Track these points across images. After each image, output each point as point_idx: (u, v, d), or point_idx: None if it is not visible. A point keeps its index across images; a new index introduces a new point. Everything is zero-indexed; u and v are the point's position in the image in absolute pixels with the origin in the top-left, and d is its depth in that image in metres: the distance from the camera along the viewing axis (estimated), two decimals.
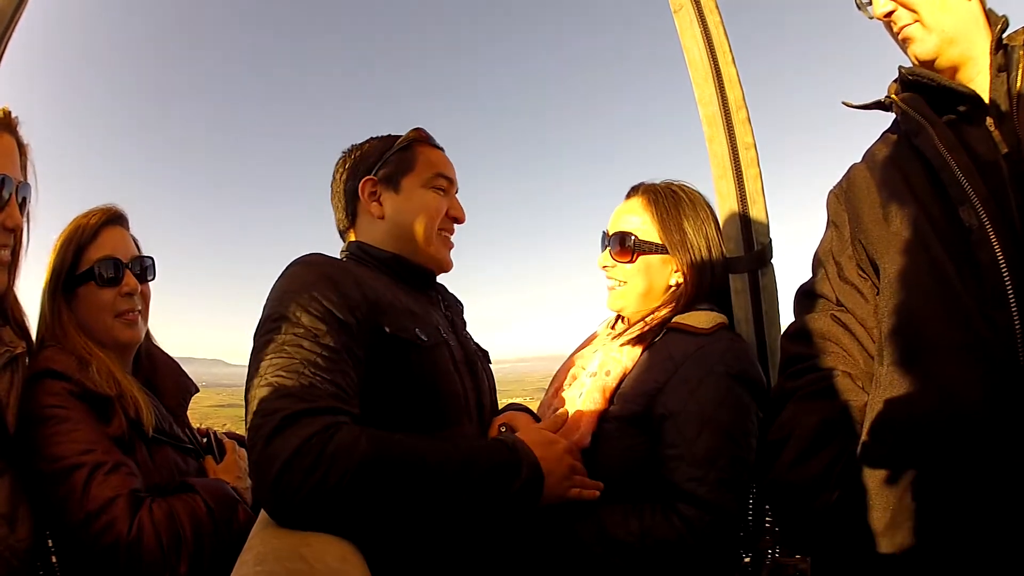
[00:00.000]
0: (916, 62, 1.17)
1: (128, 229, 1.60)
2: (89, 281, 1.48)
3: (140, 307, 1.54)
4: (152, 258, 1.61)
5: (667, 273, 1.54)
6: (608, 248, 1.59)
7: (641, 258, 1.53)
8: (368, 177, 1.44)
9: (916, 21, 1.14)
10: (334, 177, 1.51)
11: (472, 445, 1.15)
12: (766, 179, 1.57)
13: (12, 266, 1.30)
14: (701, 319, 1.46)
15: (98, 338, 1.47)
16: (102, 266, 1.48)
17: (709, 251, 1.53)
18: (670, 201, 1.54)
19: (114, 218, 1.56)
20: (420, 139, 1.49)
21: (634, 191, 1.61)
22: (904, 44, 1.18)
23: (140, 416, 1.38)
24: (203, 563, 1.25)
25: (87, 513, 1.20)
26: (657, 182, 1.60)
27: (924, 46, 1.14)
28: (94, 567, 1.22)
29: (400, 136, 1.49)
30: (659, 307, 1.54)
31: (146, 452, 1.39)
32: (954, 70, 1.15)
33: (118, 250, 1.52)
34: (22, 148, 1.27)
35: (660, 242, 1.52)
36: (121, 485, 1.24)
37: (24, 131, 1.28)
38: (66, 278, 1.48)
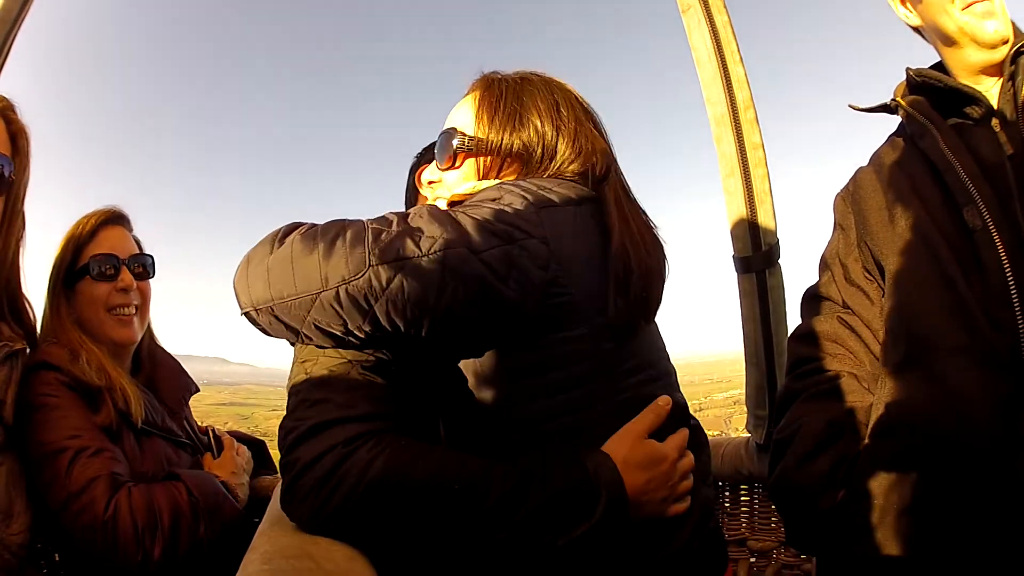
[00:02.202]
0: (992, 36, 1.12)
1: (129, 229, 1.63)
2: (86, 276, 1.52)
3: (137, 303, 1.56)
4: (151, 256, 1.63)
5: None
6: (434, 160, 1.21)
7: (468, 161, 1.14)
8: (424, 165, 1.38)
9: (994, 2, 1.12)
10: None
11: (535, 476, 0.92)
12: (773, 179, 1.57)
13: (4, 252, 1.31)
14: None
15: (93, 334, 1.50)
16: (98, 261, 1.52)
17: (557, 154, 1.10)
18: (512, 89, 1.14)
19: (113, 218, 1.60)
20: None
21: (470, 87, 1.21)
22: (983, 16, 1.12)
23: (129, 407, 1.40)
24: (179, 550, 1.27)
25: (68, 494, 1.23)
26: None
27: (1003, 25, 1.11)
28: (78, 550, 1.25)
29: None
30: None
31: (134, 441, 1.42)
32: (999, 66, 1.13)
33: (116, 248, 1.55)
34: (13, 129, 1.27)
35: (496, 140, 1.11)
36: (102, 467, 1.27)
37: (21, 114, 1.29)
38: (65, 274, 1.52)
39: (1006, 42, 1.12)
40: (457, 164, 1.15)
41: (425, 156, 1.48)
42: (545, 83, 1.16)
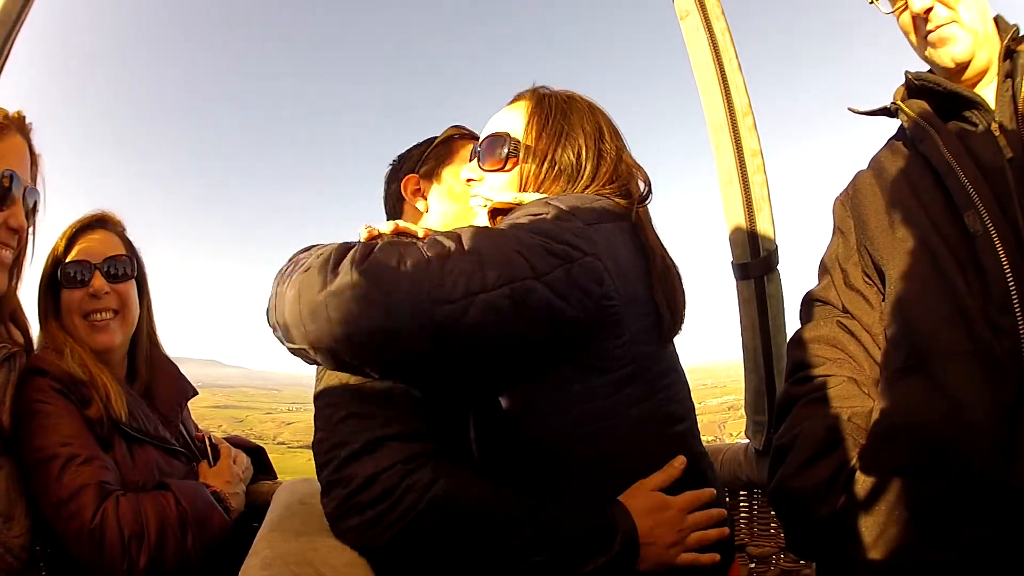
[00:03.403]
0: (951, 64, 1.14)
1: (113, 231, 1.61)
2: (61, 285, 1.52)
3: (115, 307, 1.55)
4: (130, 258, 1.60)
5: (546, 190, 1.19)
6: (476, 159, 1.25)
7: (517, 167, 1.19)
8: (411, 175, 1.46)
9: (953, 21, 1.12)
10: (384, 187, 1.54)
11: (561, 509, 1.02)
12: (772, 185, 1.57)
13: (15, 270, 1.33)
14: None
15: (78, 341, 1.50)
16: (68, 269, 1.52)
17: (592, 169, 1.17)
18: (559, 105, 1.21)
19: (93, 222, 1.59)
20: (458, 134, 1.50)
21: (518, 96, 1.28)
22: (937, 44, 1.15)
23: (110, 401, 1.40)
24: (165, 560, 1.28)
25: (58, 499, 1.24)
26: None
27: (962, 47, 1.12)
28: (68, 555, 1.26)
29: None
30: None
31: (125, 449, 1.42)
32: (980, 75, 1.15)
33: (90, 253, 1.54)
34: (33, 156, 1.29)
35: (544, 149, 1.17)
36: (92, 475, 1.28)
37: (36, 139, 1.30)
38: (47, 283, 1.53)
39: (969, 63, 1.13)
40: (506, 168, 1.20)
41: (403, 166, 1.50)
42: (590, 107, 1.22)
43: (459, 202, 1.39)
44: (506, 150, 1.19)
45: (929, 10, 1.12)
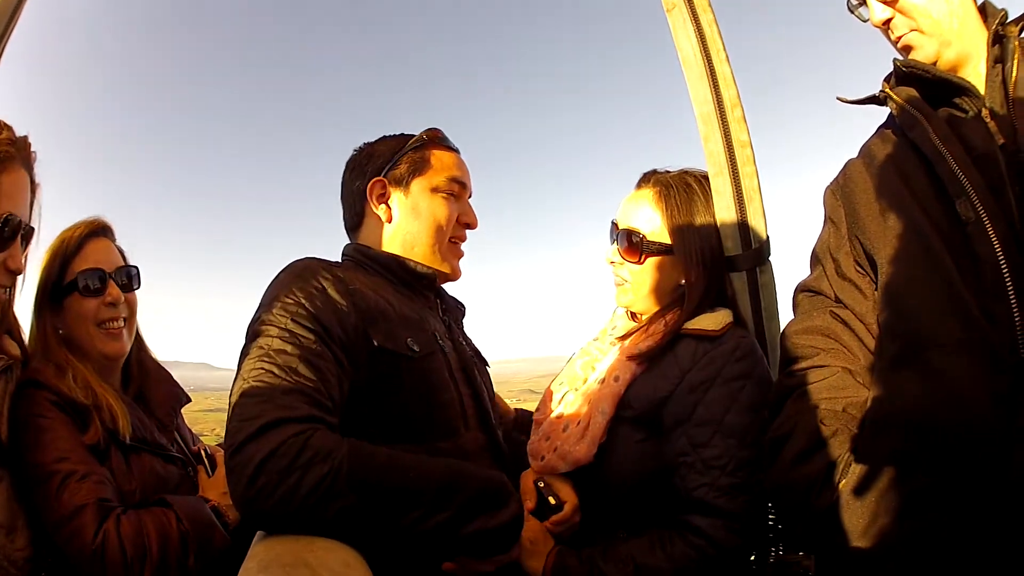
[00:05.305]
0: (924, 62, 1.16)
1: (113, 240, 1.63)
2: (74, 292, 1.51)
3: (125, 315, 1.56)
4: (137, 267, 1.63)
5: (676, 273, 1.46)
6: (616, 244, 1.50)
7: (649, 259, 1.45)
8: (377, 178, 1.41)
9: (914, 30, 1.15)
10: (344, 174, 1.49)
11: (465, 468, 1.13)
12: (762, 176, 1.57)
13: (11, 291, 1.34)
14: (709, 322, 1.40)
15: (83, 350, 1.50)
16: (86, 277, 1.51)
17: (718, 248, 1.48)
18: (683, 197, 1.45)
19: (98, 230, 1.59)
20: (434, 140, 1.45)
21: (645, 181, 1.51)
22: (903, 51, 1.18)
23: (116, 424, 1.40)
24: None
25: (59, 517, 1.24)
26: (671, 172, 1.52)
27: (924, 52, 1.15)
28: (71, 571, 1.25)
29: (413, 136, 1.46)
30: (666, 310, 1.47)
31: (122, 459, 1.41)
32: (954, 69, 1.15)
33: (102, 261, 1.55)
34: (33, 185, 1.28)
35: (669, 243, 1.44)
36: (90, 493, 1.27)
37: (38, 170, 1.28)
38: (52, 290, 1.51)
39: (936, 61, 1.15)
40: (641, 261, 1.45)
41: (370, 164, 1.45)
42: (704, 189, 1.49)
43: (425, 221, 1.39)
44: (640, 245, 1.43)
45: (888, 22, 1.16)
